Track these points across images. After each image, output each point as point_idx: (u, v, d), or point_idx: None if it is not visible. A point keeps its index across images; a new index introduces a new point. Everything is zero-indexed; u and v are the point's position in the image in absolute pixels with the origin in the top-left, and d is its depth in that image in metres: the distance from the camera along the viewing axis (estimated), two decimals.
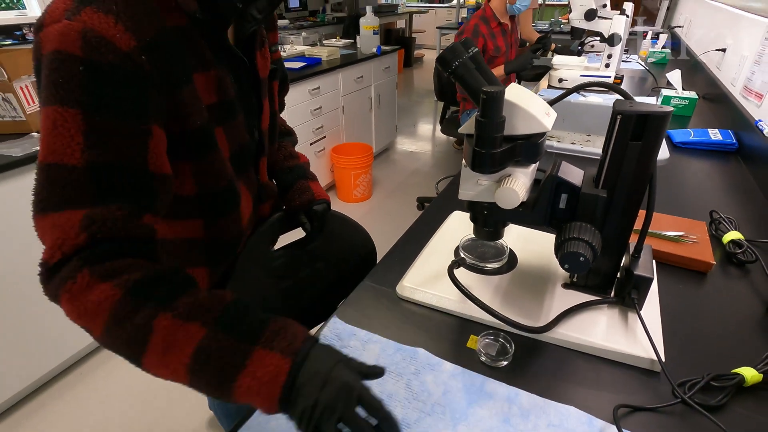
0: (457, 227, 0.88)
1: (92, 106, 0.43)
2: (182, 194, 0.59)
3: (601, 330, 0.61)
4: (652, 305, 0.65)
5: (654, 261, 0.76)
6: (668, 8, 3.67)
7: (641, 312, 0.60)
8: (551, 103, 0.63)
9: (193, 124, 0.53)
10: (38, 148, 1.27)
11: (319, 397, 0.39)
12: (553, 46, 2.43)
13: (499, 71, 1.85)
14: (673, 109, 0.51)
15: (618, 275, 0.65)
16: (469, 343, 0.63)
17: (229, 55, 0.59)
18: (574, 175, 0.62)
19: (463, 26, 1.88)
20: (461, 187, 0.65)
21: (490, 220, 0.68)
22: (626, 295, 0.62)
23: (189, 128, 0.53)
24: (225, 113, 0.60)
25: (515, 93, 0.58)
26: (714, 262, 0.73)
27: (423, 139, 4.03)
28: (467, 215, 0.69)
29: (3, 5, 4.29)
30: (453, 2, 7.56)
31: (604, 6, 2.14)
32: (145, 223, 0.47)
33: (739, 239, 0.79)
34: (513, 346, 0.60)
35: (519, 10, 1.85)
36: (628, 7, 2.43)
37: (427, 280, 0.73)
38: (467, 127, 0.59)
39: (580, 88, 0.63)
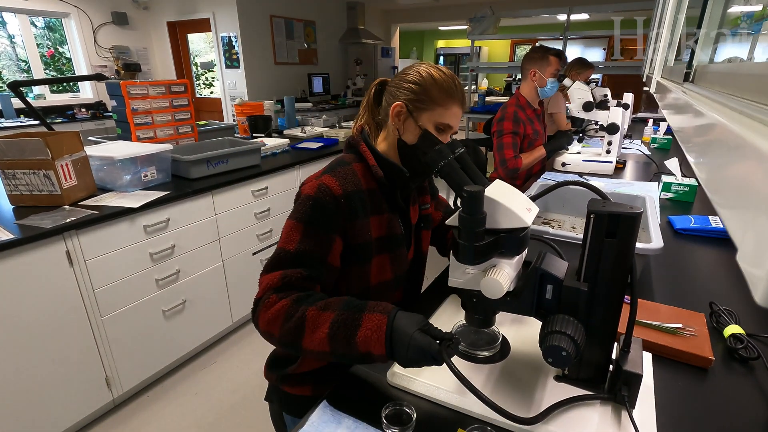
0: (453, 311, 0.89)
1: (309, 221, 0.76)
2: (352, 292, 0.85)
3: (591, 429, 0.59)
4: (646, 403, 0.64)
5: (651, 354, 0.75)
6: None
7: (633, 411, 0.59)
8: (534, 198, 0.68)
9: (355, 241, 0.81)
10: (68, 220, 1.37)
11: (407, 356, 0.61)
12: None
13: (541, 151, 1.96)
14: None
15: (610, 368, 0.65)
16: None
17: (398, 206, 0.88)
18: (557, 267, 0.64)
19: (502, 113, 1.97)
20: (450, 275, 0.68)
21: (479, 308, 0.70)
22: (617, 391, 0.61)
23: (355, 243, 0.82)
24: (392, 244, 0.87)
25: (497, 190, 0.63)
26: (713, 358, 0.72)
27: None
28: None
29: (60, 88, 4.81)
30: (465, 88, 8.09)
31: (605, 96, 2.29)
32: (312, 286, 0.76)
33: (740, 333, 0.78)
34: None
35: (550, 92, 1.98)
36: (628, 97, 2.59)
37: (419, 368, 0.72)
38: (453, 219, 0.63)
39: (560, 186, 0.68)
